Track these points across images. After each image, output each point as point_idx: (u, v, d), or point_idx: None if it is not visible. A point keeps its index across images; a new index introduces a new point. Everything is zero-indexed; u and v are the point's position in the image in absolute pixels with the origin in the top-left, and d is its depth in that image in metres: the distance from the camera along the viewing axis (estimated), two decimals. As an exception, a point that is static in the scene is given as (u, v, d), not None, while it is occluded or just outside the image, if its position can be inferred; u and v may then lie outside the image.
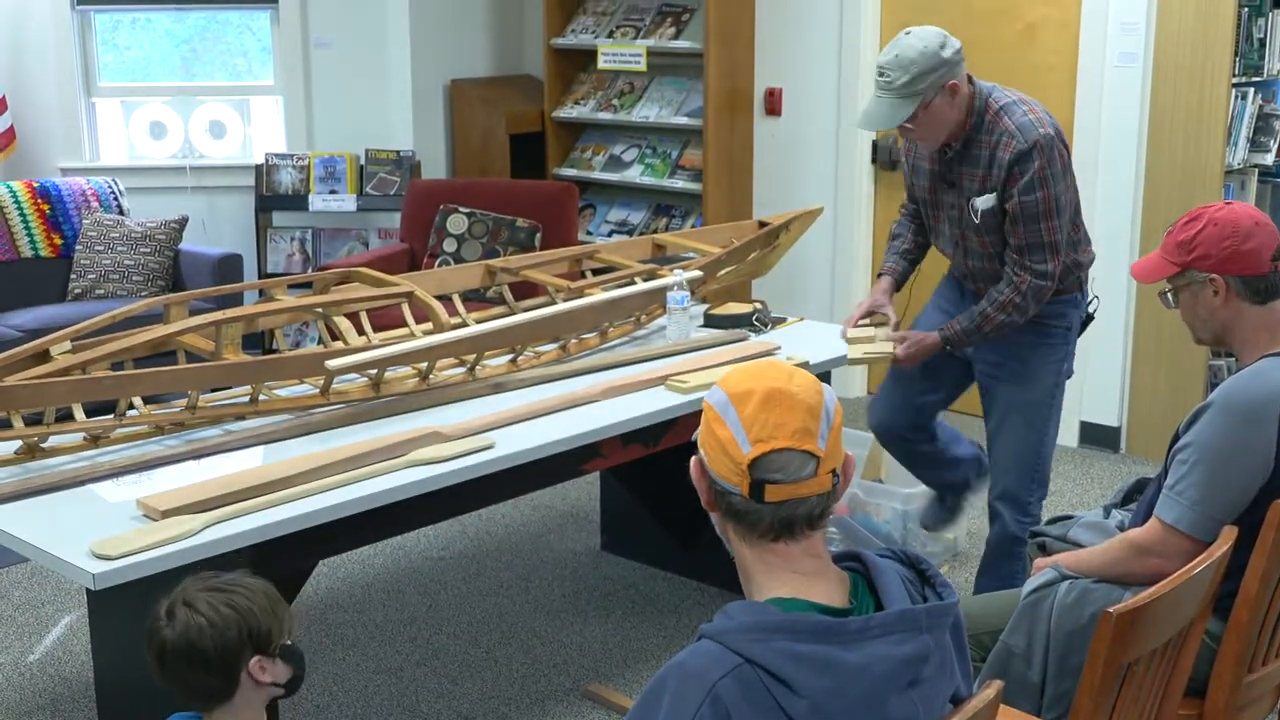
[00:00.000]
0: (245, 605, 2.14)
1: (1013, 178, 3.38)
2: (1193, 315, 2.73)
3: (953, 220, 3.58)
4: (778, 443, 1.63)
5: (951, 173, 3.52)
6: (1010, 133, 3.40)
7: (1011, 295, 3.46)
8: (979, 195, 3.45)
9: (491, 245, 5.89)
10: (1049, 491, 3.81)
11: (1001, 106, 3.44)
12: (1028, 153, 3.36)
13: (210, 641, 2.11)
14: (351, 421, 3.29)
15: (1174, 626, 2.23)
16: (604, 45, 6.48)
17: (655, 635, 4.03)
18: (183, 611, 2.13)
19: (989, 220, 3.46)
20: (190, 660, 2.12)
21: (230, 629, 2.12)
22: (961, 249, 3.61)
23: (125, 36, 6.88)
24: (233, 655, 2.13)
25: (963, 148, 3.46)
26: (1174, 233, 2.71)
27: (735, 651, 1.57)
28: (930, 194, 3.63)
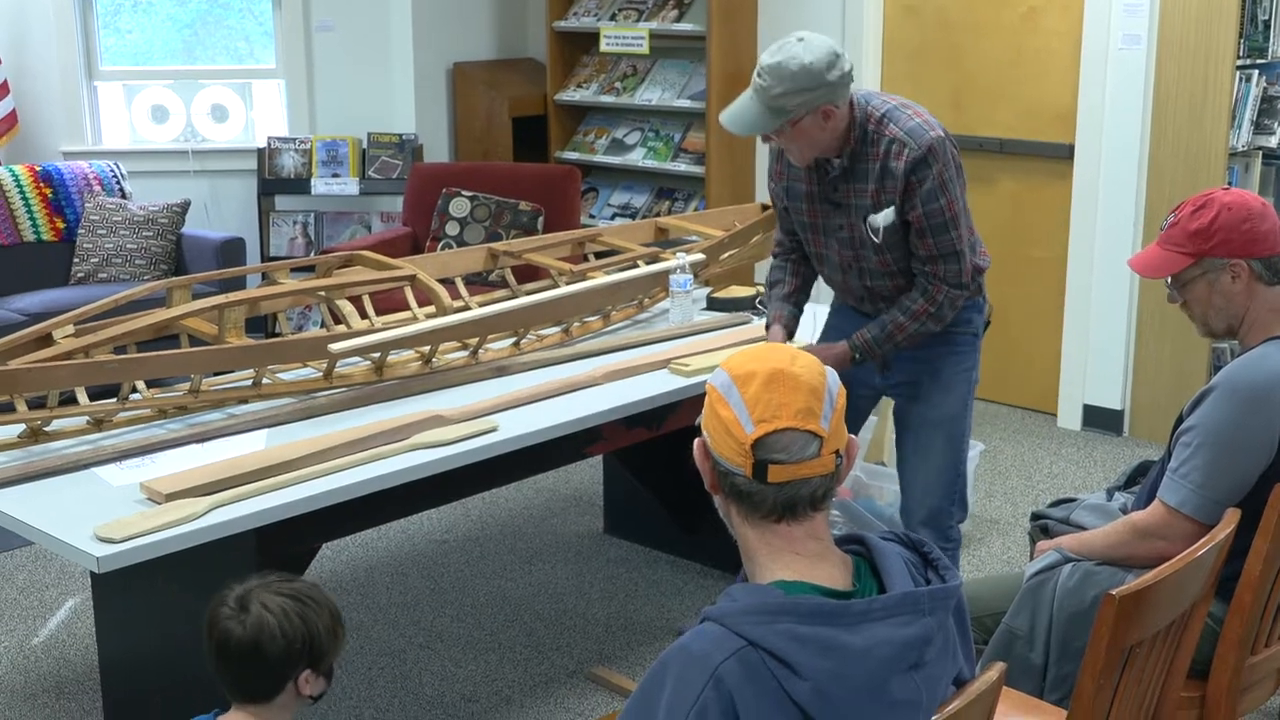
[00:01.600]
0: (314, 622, 2.19)
1: (911, 187, 3.10)
2: (1206, 305, 2.67)
3: (843, 242, 3.26)
4: (781, 423, 1.63)
5: (836, 193, 3.21)
6: (900, 140, 3.09)
7: (926, 305, 3.20)
8: (874, 212, 3.15)
9: (494, 229, 5.89)
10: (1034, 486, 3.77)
11: (884, 114, 3.13)
12: (923, 159, 3.07)
13: (276, 647, 2.15)
14: (354, 405, 3.29)
15: (1177, 609, 2.23)
16: (606, 28, 6.46)
17: (659, 618, 4.04)
18: (257, 609, 2.17)
19: (890, 237, 3.16)
20: (251, 659, 2.16)
21: (297, 641, 2.17)
22: (855, 271, 3.29)
23: (127, 20, 6.86)
24: (290, 665, 2.18)
25: (848, 164, 3.16)
26: (1180, 223, 2.64)
27: (738, 634, 1.57)
28: (811, 218, 3.31)
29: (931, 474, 3.39)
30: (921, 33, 5.92)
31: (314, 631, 2.18)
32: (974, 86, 5.81)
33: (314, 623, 2.19)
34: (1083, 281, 5.56)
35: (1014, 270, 5.83)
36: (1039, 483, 5.07)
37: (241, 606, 2.17)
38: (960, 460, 3.42)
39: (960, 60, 5.83)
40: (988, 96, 5.78)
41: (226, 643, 2.16)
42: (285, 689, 2.19)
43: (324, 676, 2.24)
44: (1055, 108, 5.60)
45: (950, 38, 5.84)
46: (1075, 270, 5.58)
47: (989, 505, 4.84)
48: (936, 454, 3.38)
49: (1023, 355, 5.86)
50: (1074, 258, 5.58)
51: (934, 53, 5.87)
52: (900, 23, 5.98)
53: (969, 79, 5.82)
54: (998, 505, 4.85)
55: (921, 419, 3.39)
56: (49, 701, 3.59)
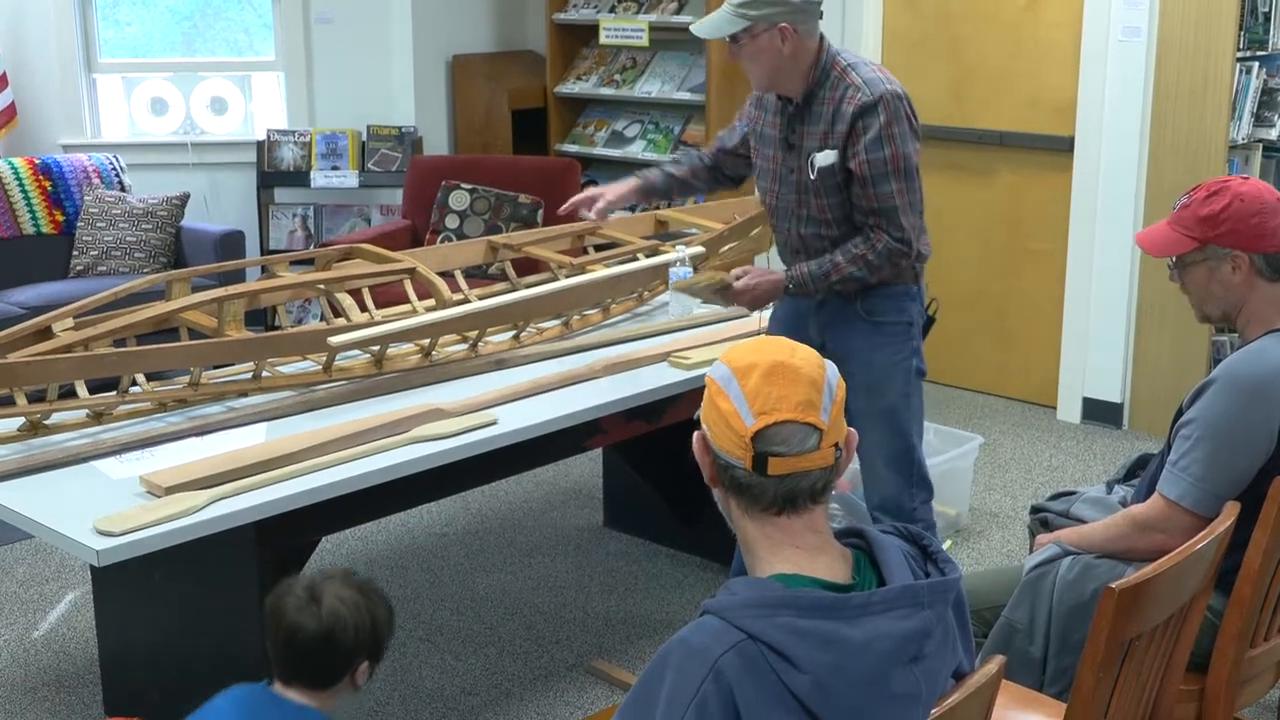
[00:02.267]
0: (379, 620, 2.26)
1: (855, 132, 3.14)
2: (1204, 291, 2.67)
3: (790, 185, 3.30)
4: (781, 415, 1.63)
5: (793, 134, 3.27)
6: (856, 86, 3.15)
7: (865, 251, 3.20)
8: (818, 152, 3.21)
9: (494, 221, 5.89)
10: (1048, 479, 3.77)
11: (849, 64, 3.21)
12: (873, 105, 3.12)
13: (347, 639, 2.21)
14: (354, 398, 3.29)
15: (1176, 602, 2.23)
16: (606, 20, 6.46)
17: (659, 611, 4.04)
18: (331, 602, 2.20)
19: (827, 179, 3.20)
20: (323, 650, 2.20)
21: (364, 632, 2.23)
22: (796, 218, 3.32)
23: (126, 12, 6.85)
24: (356, 656, 2.23)
25: (804, 103, 3.23)
26: (1192, 205, 2.63)
27: (738, 627, 1.57)
28: (774, 164, 3.34)
29: (880, 465, 3.41)
30: (921, 24, 5.91)
31: (378, 624, 2.25)
32: (974, 78, 5.80)
33: (379, 621, 2.26)
34: (1082, 274, 5.56)
35: (1013, 263, 5.83)
36: (1038, 476, 5.07)
37: (313, 598, 2.21)
38: (911, 448, 3.41)
39: (960, 52, 5.82)
40: (988, 88, 5.78)
41: (297, 633, 2.19)
42: (344, 680, 2.24)
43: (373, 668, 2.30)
44: (1055, 100, 5.59)
45: (950, 30, 5.83)
46: (1075, 263, 5.58)
47: (988, 498, 4.85)
48: (883, 446, 3.39)
49: (1022, 348, 5.86)
50: (1074, 250, 5.58)
51: (934, 45, 5.86)
52: (900, 14, 5.97)
53: (969, 71, 5.81)
54: (997, 498, 4.85)
55: (860, 411, 3.29)
56: (49, 695, 3.60)
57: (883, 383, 3.35)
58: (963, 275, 5.91)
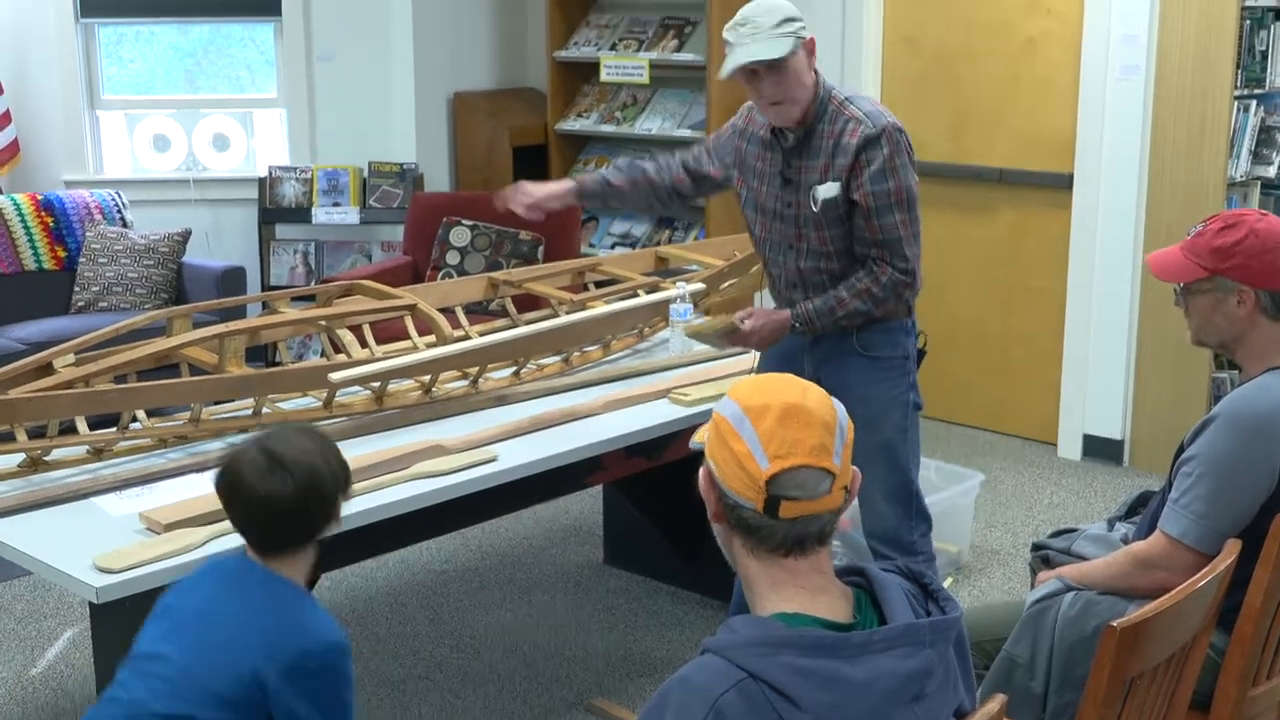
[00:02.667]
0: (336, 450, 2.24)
1: (859, 165, 3.17)
2: (1205, 320, 2.66)
3: (788, 220, 3.30)
4: (796, 459, 1.63)
5: (789, 168, 3.27)
6: (857, 119, 3.19)
7: (870, 284, 3.22)
8: (820, 184, 3.22)
9: (494, 258, 5.90)
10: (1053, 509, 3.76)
11: (846, 97, 3.24)
12: (876, 138, 3.15)
13: (328, 490, 2.19)
14: (355, 434, 3.29)
15: (1178, 640, 2.22)
16: (607, 58, 6.49)
17: (659, 649, 4.02)
18: (297, 458, 2.16)
19: (830, 211, 3.21)
20: (304, 510, 2.18)
21: (340, 473, 2.22)
22: (795, 251, 3.32)
23: (129, 49, 6.89)
24: (336, 500, 2.22)
25: (804, 138, 3.24)
26: (1206, 235, 2.62)
27: (739, 666, 1.57)
28: (760, 197, 3.37)
29: (879, 500, 3.41)
30: (920, 63, 5.94)
31: (340, 456, 2.24)
32: (973, 116, 5.83)
33: (331, 447, 2.24)
34: (1082, 311, 5.57)
35: (1013, 299, 5.83)
36: (1039, 513, 5.06)
37: (275, 462, 2.15)
38: (909, 481, 3.42)
39: (959, 90, 5.85)
40: (987, 126, 5.80)
41: (275, 503, 2.15)
42: (309, 545, 2.23)
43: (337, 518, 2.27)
44: (1054, 137, 5.61)
45: (949, 68, 5.86)
46: (1074, 299, 5.59)
47: (989, 535, 4.84)
48: (881, 480, 3.39)
49: (1022, 385, 5.86)
50: (1073, 287, 5.59)
51: (933, 82, 5.89)
52: (899, 53, 6.01)
53: (968, 108, 5.84)
54: (998, 535, 4.84)
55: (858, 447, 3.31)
56: (46, 732, 3.58)
57: (880, 418, 3.34)
58: (962, 312, 5.92)
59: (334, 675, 2.14)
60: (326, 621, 2.19)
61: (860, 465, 3.33)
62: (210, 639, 2.12)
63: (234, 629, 2.12)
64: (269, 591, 2.18)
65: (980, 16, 5.75)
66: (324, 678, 2.13)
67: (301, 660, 2.11)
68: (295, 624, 2.15)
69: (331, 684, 2.14)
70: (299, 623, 2.15)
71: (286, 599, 2.18)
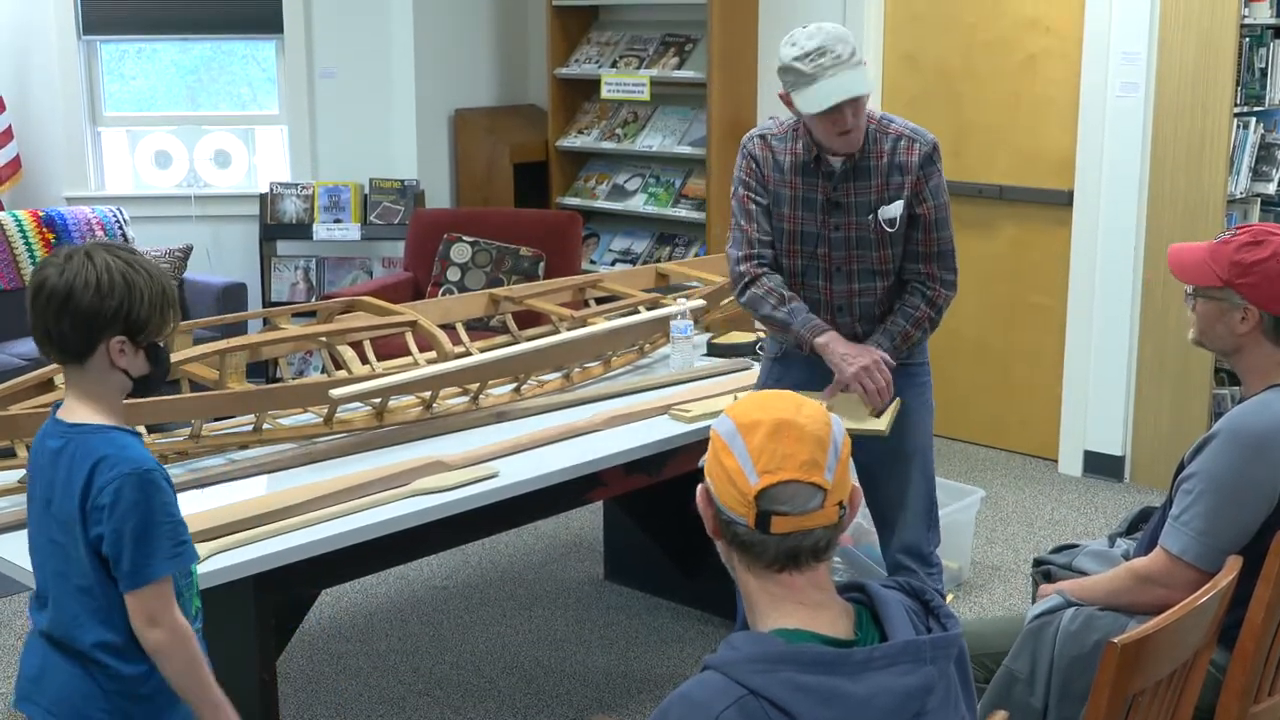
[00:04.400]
0: (137, 286, 2.16)
1: (920, 181, 3.24)
2: (1209, 325, 2.66)
3: (836, 244, 3.27)
4: (785, 474, 1.63)
5: (836, 192, 3.25)
6: (908, 136, 3.25)
7: (928, 310, 3.29)
8: (875, 208, 3.23)
9: (495, 274, 5.90)
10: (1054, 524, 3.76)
11: (880, 117, 3.28)
12: (931, 154, 3.25)
13: (86, 299, 2.13)
14: (355, 450, 3.29)
15: (1179, 657, 2.22)
16: (607, 75, 6.50)
17: (659, 665, 4.02)
18: (79, 260, 2.15)
19: (897, 229, 3.26)
20: (60, 308, 2.14)
21: (111, 298, 2.14)
22: (845, 274, 3.30)
23: (131, 66, 6.91)
24: (99, 323, 2.15)
25: (853, 162, 3.24)
26: (1231, 245, 2.61)
27: (739, 682, 1.57)
28: (794, 225, 3.30)
29: (910, 507, 3.43)
30: (921, 81, 5.96)
31: (134, 294, 2.15)
32: (973, 133, 5.84)
33: (138, 286, 2.16)
34: (1083, 327, 5.57)
35: (1014, 316, 5.84)
36: (1040, 529, 5.06)
37: (67, 257, 2.16)
38: (933, 489, 3.48)
39: (960, 108, 5.86)
40: (987, 143, 5.81)
41: (39, 289, 2.16)
42: (97, 351, 2.17)
43: (146, 356, 2.21)
44: (1054, 154, 5.63)
45: (949, 86, 5.88)
46: (1075, 316, 5.59)
47: (990, 551, 4.83)
48: (913, 486, 3.42)
49: (1023, 401, 5.86)
50: (1074, 303, 5.59)
51: (933, 100, 5.90)
52: (899, 71, 6.02)
53: (968, 126, 5.85)
54: (999, 551, 4.84)
55: (894, 454, 3.40)
56: (46, 749, 3.57)
57: (915, 424, 3.40)
58: (964, 328, 5.92)
59: (121, 506, 2.12)
60: (122, 455, 2.16)
61: (894, 473, 3.42)
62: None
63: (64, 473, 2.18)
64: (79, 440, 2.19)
65: (980, 35, 5.77)
66: (110, 511, 2.12)
67: (100, 497, 2.13)
68: (95, 464, 2.15)
69: (124, 516, 2.12)
70: (98, 462, 2.15)
71: (90, 444, 2.17)
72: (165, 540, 2.14)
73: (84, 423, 2.19)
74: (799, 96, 3.12)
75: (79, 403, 2.21)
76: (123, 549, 2.12)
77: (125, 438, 2.19)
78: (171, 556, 2.14)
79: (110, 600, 2.16)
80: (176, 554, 2.16)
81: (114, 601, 2.16)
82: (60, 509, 2.18)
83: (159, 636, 2.15)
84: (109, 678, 2.18)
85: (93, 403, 2.20)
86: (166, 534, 2.14)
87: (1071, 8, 5.48)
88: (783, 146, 3.32)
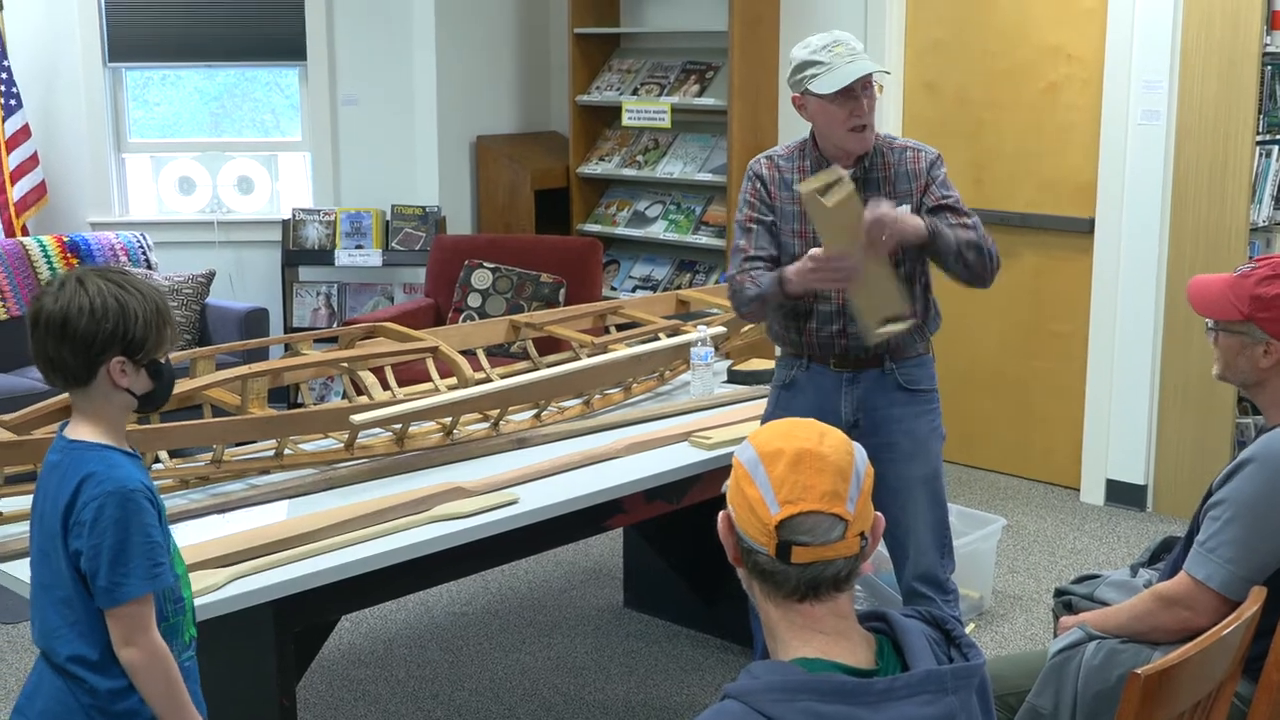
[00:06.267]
0: (131, 307, 2.18)
1: (929, 182, 3.34)
2: (1231, 359, 2.65)
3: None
4: (806, 505, 1.62)
5: None
6: (914, 148, 3.38)
7: (964, 218, 3.31)
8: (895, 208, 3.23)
9: (516, 301, 5.92)
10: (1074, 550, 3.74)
11: (884, 134, 3.39)
12: (936, 160, 3.37)
13: (82, 324, 2.16)
14: (375, 476, 3.29)
15: (1203, 688, 2.20)
16: (629, 102, 6.53)
17: (678, 694, 4.00)
18: (72, 287, 2.18)
19: None
20: (60, 335, 2.17)
21: (106, 321, 2.17)
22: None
23: (156, 93, 6.96)
24: (97, 346, 2.17)
25: (863, 175, 3.30)
26: (1251, 279, 2.60)
27: (759, 711, 1.56)
28: (807, 237, 3.29)
29: (924, 532, 3.42)
30: (942, 108, 5.96)
31: (128, 315, 2.17)
32: (995, 161, 5.84)
33: (131, 307, 2.18)
34: (1104, 355, 5.55)
35: (1035, 344, 5.82)
36: (1062, 558, 5.03)
37: (60, 285, 2.19)
38: (945, 514, 3.47)
39: (981, 135, 5.86)
40: (1008, 171, 5.81)
41: (37, 319, 2.19)
42: (99, 374, 2.19)
43: (148, 373, 2.23)
44: (1075, 182, 5.62)
45: (971, 113, 5.88)
46: (1097, 344, 5.57)
47: (1011, 581, 4.80)
48: (925, 511, 3.41)
49: (1044, 429, 5.84)
50: (1095, 331, 5.57)
51: (954, 128, 5.90)
52: (920, 99, 6.02)
53: (989, 154, 5.85)
54: (1020, 581, 4.81)
55: (906, 480, 3.39)
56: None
57: (923, 450, 3.39)
58: (984, 356, 5.91)
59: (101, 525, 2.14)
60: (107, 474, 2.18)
61: (906, 499, 3.41)
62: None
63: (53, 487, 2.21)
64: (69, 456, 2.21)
65: (1001, 63, 5.77)
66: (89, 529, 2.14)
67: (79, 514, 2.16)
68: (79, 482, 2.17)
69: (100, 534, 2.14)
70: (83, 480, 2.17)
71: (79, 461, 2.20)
72: (141, 560, 2.16)
73: (83, 440, 2.22)
74: (816, 82, 3.19)
75: (83, 422, 2.24)
76: (100, 566, 2.14)
77: (118, 457, 2.21)
78: (148, 577, 2.16)
79: (89, 615, 2.18)
80: (153, 575, 2.17)
81: (92, 616, 2.18)
82: (47, 520, 2.21)
83: (134, 656, 2.17)
84: (84, 691, 2.20)
85: (95, 423, 2.23)
86: (143, 553, 2.16)
87: (1093, 36, 5.48)
88: (790, 165, 3.37)
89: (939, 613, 1.77)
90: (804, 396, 3.41)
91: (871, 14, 5.96)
